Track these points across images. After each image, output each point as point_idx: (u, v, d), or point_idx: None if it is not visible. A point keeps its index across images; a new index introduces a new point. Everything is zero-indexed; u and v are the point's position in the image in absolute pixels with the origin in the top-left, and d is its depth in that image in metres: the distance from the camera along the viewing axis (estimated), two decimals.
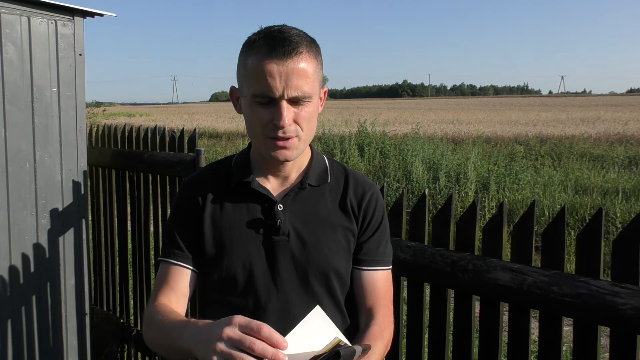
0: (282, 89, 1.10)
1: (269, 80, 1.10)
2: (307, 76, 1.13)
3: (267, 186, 1.24)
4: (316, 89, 1.17)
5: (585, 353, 1.42)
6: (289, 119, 1.11)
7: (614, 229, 6.43)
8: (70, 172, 2.86)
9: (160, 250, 1.32)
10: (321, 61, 1.20)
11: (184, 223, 1.26)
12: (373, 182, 1.34)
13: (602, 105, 49.01)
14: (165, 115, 44.32)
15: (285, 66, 1.10)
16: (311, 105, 1.15)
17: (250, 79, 1.13)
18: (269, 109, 1.12)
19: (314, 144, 1.42)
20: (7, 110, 2.58)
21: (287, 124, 1.11)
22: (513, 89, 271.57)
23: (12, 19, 2.57)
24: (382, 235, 1.30)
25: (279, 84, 1.10)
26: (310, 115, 1.16)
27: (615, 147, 14.52)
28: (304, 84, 1.12)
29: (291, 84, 1.11)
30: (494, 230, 1.61)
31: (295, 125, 1.14)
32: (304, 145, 1.19)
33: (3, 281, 2.66)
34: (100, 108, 26.76)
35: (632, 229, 1.34)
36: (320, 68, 1.19)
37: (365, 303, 1.27)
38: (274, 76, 1.10)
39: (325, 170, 1.29)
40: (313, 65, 1.15)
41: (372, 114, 31.62)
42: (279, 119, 1.11)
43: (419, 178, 9.19)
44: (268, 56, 1.11)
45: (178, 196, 1.31)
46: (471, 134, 18.73)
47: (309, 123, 1.17)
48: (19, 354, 2.77)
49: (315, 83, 1.16)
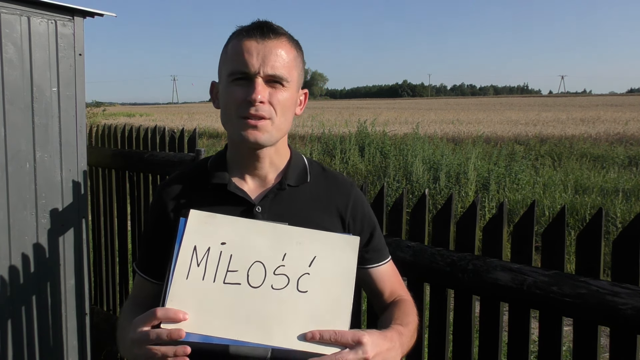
0: (259, 66, 1.09)
1: (246, 57, 1.10)
2: (285, 60, 1.12)
3: (244, 188, 1.20)
4: (294, 78, 1.15)
5: (585, 353, 1.42)
6: (262, 95, 1.10)
7: (614, 229, 6.42)
8: (70, 172, 2.86)
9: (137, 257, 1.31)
10: (302, 61, 1.19)
11: (156, 232, 1.23)
12: (351, 179, 1.32)
13: (602, 105, 48.99)
14: (165, 115, 44.30)
15: (264, 45, 1.11)
16: (287, 92, 1.13)
17: (229, 59, 1.13)
18: (244, 88, 1.11)
19: (314, 144, 1.42)
20: (7, 110, 2.58)
21: (260, 99, 1.09)
22: (513, 89, 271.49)
23: (12, 19, 2.57)
24: (378, 230, 1.29)
25: (256, 61, 1.09)
26: (286, 102, 1.13)
27: (615, 147, 14.51)
28: (281, 65, 1.11)
29: (268, 62, 1.10)
30: (494, 230, 1.61)
31: (270, 106, 1.11)
32: (277, 133, 1.15)
33: (3, 281, 2.66)
34: (100, 108, 26.73)
35: (632, 229, 1.34)
36: (300, 65, 1.18)
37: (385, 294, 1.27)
38: (251, 53, 1.10)
39: (304, 170, 1.25)
40: (292, 55, 1.15)
41: (372, 114, 31.59)
42: (252, 93, 1.09)
43: (419, 178, 9.19)
44: (247, 36, 1.12)
45: (152, 203, 1.27)
46: (471, 134, 18.72)
47: (284, 111, 1.14)
48: (19, 353, 2.77)
49: (292, 72, 1.14)
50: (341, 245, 1.05)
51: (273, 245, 1.03)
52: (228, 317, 0.98)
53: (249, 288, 1.00)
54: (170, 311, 0.95)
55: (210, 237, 1.03)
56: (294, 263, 1.02)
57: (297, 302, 0.99)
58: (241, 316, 0.98)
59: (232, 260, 1.01)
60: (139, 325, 0.96)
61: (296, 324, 0.98)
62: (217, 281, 0.99)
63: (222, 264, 1.01)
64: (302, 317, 0.98)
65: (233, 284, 1.00)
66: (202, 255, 1.01)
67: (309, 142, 15.24)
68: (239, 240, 1.03)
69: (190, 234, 1.02)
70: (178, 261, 1.00)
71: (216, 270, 1.00)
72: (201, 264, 1.00)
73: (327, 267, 1.03)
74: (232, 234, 1.03)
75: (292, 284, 1.01)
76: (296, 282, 1.01)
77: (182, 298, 0.98)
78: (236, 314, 0.98)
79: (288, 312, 0.99)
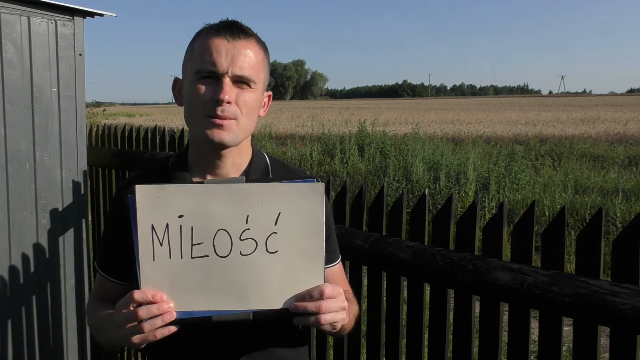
0: (227, 66, 1.09)
1: (215, 56, 1.09)
2: (253, 62, 1.12)
3: None
4: (261, 80, 1.15)
5: (585, 353, 1.42)
6: (230, 95, 1.09)
7: (614, 229, 6.43)
8: (70, 172, 2.86)
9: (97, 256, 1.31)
10: (268, 64, 1.19)
11: (112, 234, 1.22)
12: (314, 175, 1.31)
13: (602, 105, 49.01)
14: (165, 115, 44.28)
15: (234, 45, 1.10)
16: (254, 94, 1.13)
17: (197, 56, 1.12)
18: (211, 87, 1.09)
19: (314, 144, 1.41)
20: (7, 110, 2.58)
21: (228, 99, 1.08)
22: (513, 89, 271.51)
23: (12, 19, 2.57)
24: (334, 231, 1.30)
25: (224, 60, 1.09)
26: (252, 103, 1.13)
27: (615, 147, 14.51)
28: (249, 67, 1.11)
29: (237, 63, 1.09)
30: (494, 230, 1.61)
31: (236, 107, 1.11)
32: (242, 134, 1.14)
33: (3, 281, 2.66)
34: (100, 108, 26.75)
35: (632, 229, 1.34)
36: (267, 67, 1.18)
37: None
38: (220, 52, 1.09)
39: (266, 168, 1.25)
40: (260, 57, 1.14)
41: (372, 114, 31.61)
42: (219, 92, 1.08)
43: (419, 178, 9.19)
44: (216, 34, 1.11)
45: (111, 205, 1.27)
46: (471, 134, 18.73)
47: (250, 111, 1.13)
48: (19, 353, 2.77)
49: (260, 73, 1.14)
50: (306, 195, 0.99)
51: (233, 209, 0.98)
52: (204, 291, 0.97)
53: (218, 258, 0.98)
54: (147, 292, 0.96)
55: (165, 211, 0.98)
56: (258, 224, 0.98)
57: (269, 264, 0.98)
58: (216, 287, 0.97)
59: (195, 232, 0.98)
60: (122, 308, 0.98)
61: (272, 285, 0.98)
62: (185, 257, 0.97)
63: (185, 238, 0.98)
64: (277, 278, 0.98)
65: (201, 257, 0.98)
66: (161, 233, 0.97)
67: (309, 142, 15.24)
68: (196, 210, 0.98)
69: (143, 212, 0.97)
70: (140, 243, 0.97)
71: (181, 246, 0.97)
72: (164, 242, 0.97)
73: (293, 222, 0.99)
74: (187, 204, 0.98)
75: (260, 246, 0.98)
76: (264, 244, 0.98)
77: (155, 280, 0.97)
78: (211, 286, 0.97)
79: (262, 275, 0.98)
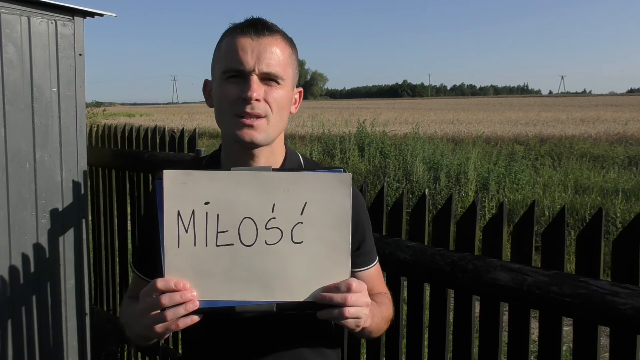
0: (254, 64, 1.08)
1: (241, 54, 1.08)
2: (280, 58, 1.11)
3: None
4: (289, 76, 1.14)
5: (585, 353, 1.42)
6: (257, 92, 1.08)
7: (614, 229, 6.42)
8: (70, 172, 2.86)
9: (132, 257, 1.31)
10: (296, 60, 1.17)
11: (148, 233, 1.22)
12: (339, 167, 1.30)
13: (602, 105, 48.98)
14: (165, 115, 44.31)
15: (259, 42, 1.09)
16: (283, 90, 1.12)
17: (223, 56, 1.11)
18: (238, 86, 1.09)
19: (314, 144, 1.41)
20: (7, 110, 2.58)
21: (256, 97, 1.07)
22: (513, 89, 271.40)
23: (12, 19, 2.57)
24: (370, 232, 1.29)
25: (250, 58, 1.08)
26: (281, 100, 1.12)
27: (615, 147, 14.51)
28: (276, 63, 1.10)
29: (263, 60, 1.08)
30: (494, 230, 1.61)
31: (265, 104, 1.10)
32: (273, 132, 1.13)
33: (3, 281, 2.66)
34: (100, 108, 26.73)
35: (632, 229, 1.34)
36: (295, 63, 1.16)
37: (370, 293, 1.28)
38: (245, 50, 1.08)
39: (300, 168, 1.23)
40: (287, 53, 1.13)
41: (372, 114, 31.58)
42: (247, 90, 1.07)
43: (419, 178, 9.19)
44: (241, 33, 1.10)
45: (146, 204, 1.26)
46: (471, 134, 18.72)
47: (280, 108, 1.12)
48: (19, 353, 2.77)
49: (287, 69, 1.13)
50: (333, 185, 0.98)
51: (260, 197, 0.97)
52: (228, 280, 0.96)
53: (243, 247, 0.97)
54: (170, 281, 0.95)
55: (192, 198, 0.97)
56: (284, 214, 0.97)
57: (294, 255, 0.97)
58: (241, 277, 0.96)
59: (220, 220, 0.97)
60: (146, 296, 0.97)
61: (296, 276, 0.97)
62: (210, 245, 0.97)
63: (211, 226, 0.97)
64: (302, 269, 0.97)
65: (226, 245, 0.97)
66: (187, 219, 0.97)
67: (309, 142, 15.24)
68: (222, 197, 0.97)
69: (170, 198, 0.97)
70: (165, 230, 0.96)
71: (206, 233, 0.97)
72: (189, 229, 0.97)
73: (320, 213, 0.97)
74: (214, 190, 0.97)
75: (286, 236, 0.97)
76: (290, 234, 0.97)
77: (179, 267, 0.96)
78: (235, 275, 0.96)
79: (286, 266, 0.97)
